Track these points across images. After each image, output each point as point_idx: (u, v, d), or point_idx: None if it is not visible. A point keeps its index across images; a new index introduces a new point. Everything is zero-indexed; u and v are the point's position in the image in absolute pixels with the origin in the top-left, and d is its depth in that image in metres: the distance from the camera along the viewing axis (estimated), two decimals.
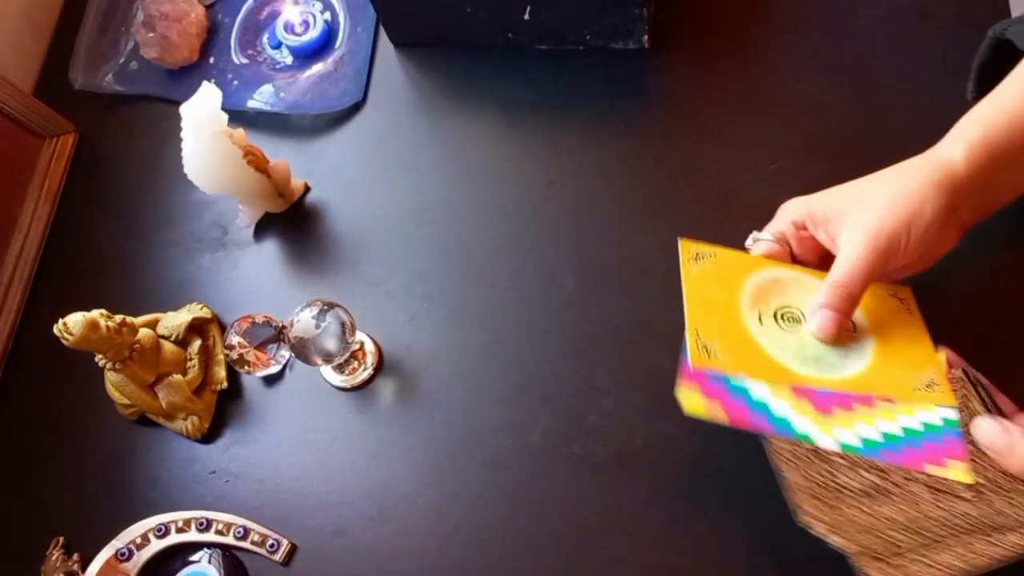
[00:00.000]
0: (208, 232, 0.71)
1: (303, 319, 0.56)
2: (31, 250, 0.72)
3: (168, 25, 0.75)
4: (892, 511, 0.47)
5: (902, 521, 0.47)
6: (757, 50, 0.68)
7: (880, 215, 0.48)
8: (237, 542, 0.59)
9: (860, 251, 0.48)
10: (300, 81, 0.74)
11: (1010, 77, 0.51)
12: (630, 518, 0.56)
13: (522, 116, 0.70)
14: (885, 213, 0.48)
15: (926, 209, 0.48)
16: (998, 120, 0.49)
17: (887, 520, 0.47)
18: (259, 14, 0.78)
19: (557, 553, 0.56)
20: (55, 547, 0.62)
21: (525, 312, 0.63)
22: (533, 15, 0.68)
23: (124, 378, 0.61)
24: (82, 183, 0.75)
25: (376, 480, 0.60)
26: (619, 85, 0.69)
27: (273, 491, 0.61)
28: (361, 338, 0.63)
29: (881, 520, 0.47)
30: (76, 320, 0.56)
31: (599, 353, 0.61)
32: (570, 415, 0.59)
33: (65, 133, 0.76)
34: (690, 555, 0.55)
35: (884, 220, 0.48)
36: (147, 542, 0.60)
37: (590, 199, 0.66)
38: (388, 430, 0.62)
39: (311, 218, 0.70)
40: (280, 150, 0.71)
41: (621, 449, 0.58)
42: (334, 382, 0.63)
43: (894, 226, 0.48)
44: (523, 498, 0.58)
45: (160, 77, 0.77)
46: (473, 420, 0.61)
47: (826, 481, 0.49)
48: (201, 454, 0.63)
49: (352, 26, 0.76)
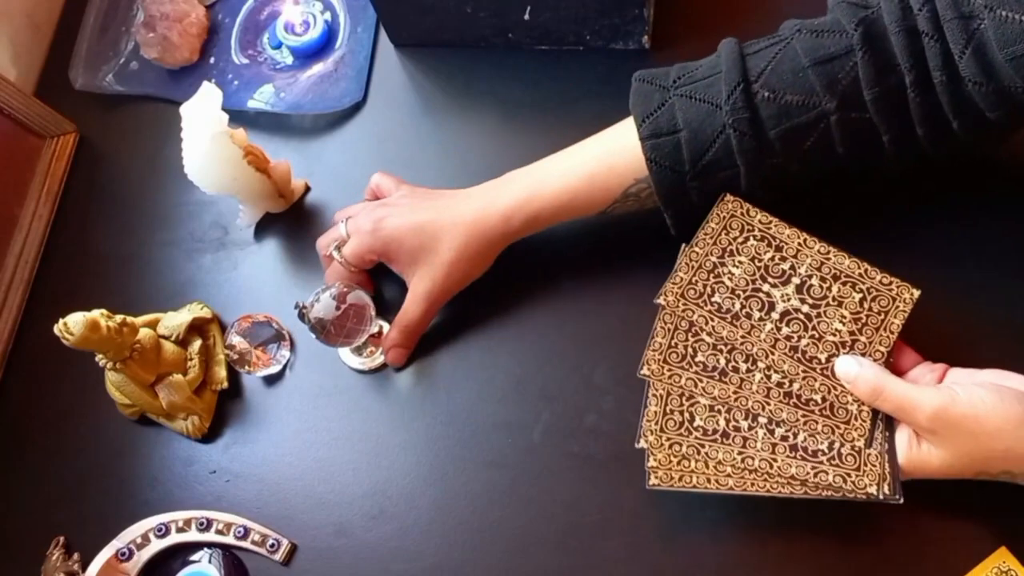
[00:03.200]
0: (208, 232, 0.71)
1: (323, 301, 0.57)
2: (31, 250, 0.72)
3: (168, 25, 0.75)
4: (723, 456, 0.52)
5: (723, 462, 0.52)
6: None
7: (442, 282, 0.60)
8: (237, 542, 0.59)
9: (422, 304, 0.60)
10: (300, 81, 0.74)
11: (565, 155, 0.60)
12: (630, 518, 0.56)
13: (522, 116, 0.70)
14: (448, 280, 0.60)
15: (485, 265, 0.61)
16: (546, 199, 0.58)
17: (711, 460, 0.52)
18: (259, 14, 0.78)
19: (557, 553, 0.56)
20: (55, 547, 0.62)
21: (525, 312, 0.63)
22: (533, 15, 0.68)
23: (124, 378, 0.61)
24: (82, 183, 0.75)
25: (376, 480, 0.60)
26: (619, 85, 0.69)
27: (273, 491, 0.61)
28: (380, 323, 0.63)
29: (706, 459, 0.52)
30: (76, 320, 0.56)
31: (599, 353, 0.61)
32: (570, 414, 0.60)
33: (65, 133, 0.76)
34: (690, 555, 0.55)
35: (445, 285, 0.60)
36: (147, 542, 0.60)
37: None
38: (388, 430, 0.62)
39: (311, 218, 0.70)
40: (280, 150, 0.71)
41: (621, 449, 0.58)
42: (352, 364, 0.63)
43: (454, 287, 0.61)
44: (523, 497, 0.58)
45: (160, 77, 0.77)
46: (473, 419, 0.61)
47: (683, 420, 0.52)
48: (201, 454, 0.63)
49: (352, 26, 0.76)
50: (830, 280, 0.54)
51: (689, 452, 0.51)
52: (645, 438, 0.52)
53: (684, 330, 0.54)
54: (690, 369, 0.53)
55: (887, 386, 0.49)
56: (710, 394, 0.52)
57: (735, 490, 0.51)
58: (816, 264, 0.54)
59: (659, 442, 0.51)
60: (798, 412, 0.51)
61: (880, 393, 0.49)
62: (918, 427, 0.49)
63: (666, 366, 0.53)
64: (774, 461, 0.51)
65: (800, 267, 0.54)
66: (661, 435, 0.52)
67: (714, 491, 0.51)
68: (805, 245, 0.55)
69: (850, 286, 0.54)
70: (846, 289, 0.54)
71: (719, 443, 0.51)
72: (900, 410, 0.49)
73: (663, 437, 0.52)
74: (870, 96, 0.51)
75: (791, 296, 0.53)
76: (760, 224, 0.55)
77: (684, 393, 0.52)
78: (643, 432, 0.52)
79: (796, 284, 0.54)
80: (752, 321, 0.53)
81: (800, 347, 0.52)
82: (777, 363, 0.52)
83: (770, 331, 0.53)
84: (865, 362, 0.51)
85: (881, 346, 0.53)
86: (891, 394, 0.49)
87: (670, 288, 0.54)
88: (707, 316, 0.53)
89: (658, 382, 0.53)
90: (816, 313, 0.53)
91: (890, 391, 0.49)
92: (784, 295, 0.54)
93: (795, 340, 0.53)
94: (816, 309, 0.53)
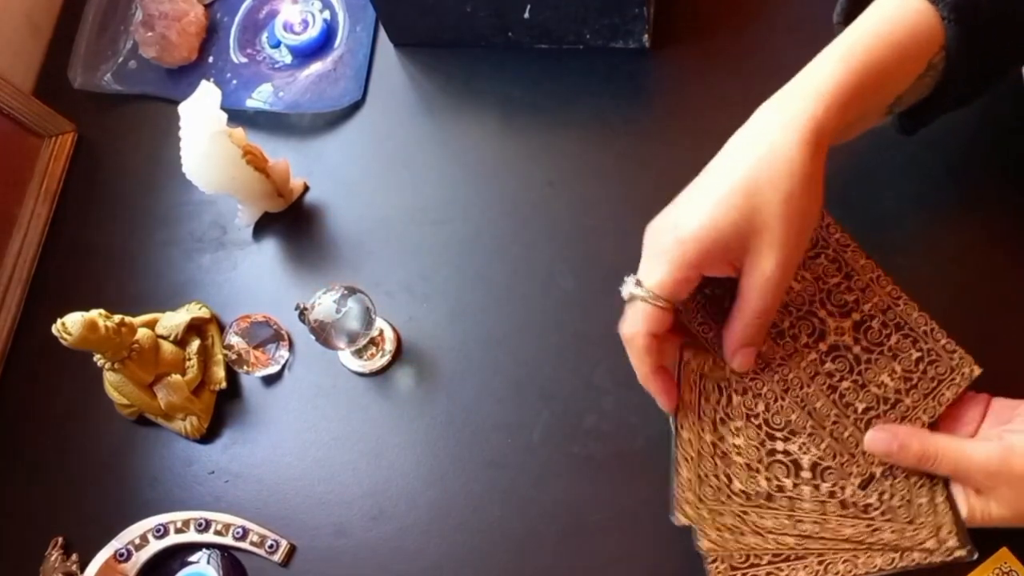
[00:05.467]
0: (207, 232, 0.71)
1: (324, 303, 0.57)
2: (30, 249, 0.72)
3: (167, 24, 0.75)
4: (772, 523, 0.47)
5: (774, 530, 0.47)
6: (757, 50, 0.68)
7: (784, 231, 0.45)
8: (236, 542, 0.59)
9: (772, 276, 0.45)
10: (299, 80, 0.74)
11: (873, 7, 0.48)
12: (630, 518, 0.56)
13: (522, 116, 0.70)
14: (788, 227, 0.45)
15: (816, 189, 0.45)
16: (858, 58, 0.46)
17: (761, 529, 0.47)
18: (258, 13, 0.78)
19: (557, 553, 0.56)
20: (54, 547, 0.61)
21: (525, 312, 0.63)
22: (533, 15, 0.68)
23: (123, 378, 0.61)
24: (81, 182, 0.75)
25: (376, 480, 0.60)
26: (619, 85, 0.69)
27: (272, 491, 0.61)
28: (381, 325, 0.63)
29: (755, 529, 0.47)
30: (75, 320, 0.55)
31: (599, 353, 0.61)
32: (570, 415, 0.59)
33: (64, 132, 0.76)
34: (690, 555, 0.55)
35: (789, 234, 0.45)
36: (146, 542, 0.60)
37: (590, 199, 0.66)
38: (388, 430, 0.61)
39: (310, 218, 0.70)
40: (279, 150, 0.71)
41: (621, 449, 0.58)
42: (352, 367, 0.63)
43: (799, 237, 0.46)
44: (523, 498, 0.58)
45: (159, 76, 0.77)
46: (473, 420, 0.61)
47: (720, 484, 0.48)
48: (200, 454, 0.63)
49: (351, 25, 0.76)
50: (892, 328, 0.50)
51: (736, 523, 0.47)
52: (682, 511, 0.46)
53: None
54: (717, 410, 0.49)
55: (937, 451, 0.46)
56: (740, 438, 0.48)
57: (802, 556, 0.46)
58: (882, 306, 0.50)
59: (699, 515, 0.46)
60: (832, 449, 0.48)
61: (930, 460, 0.47)
62: (977, 486, 0.46)
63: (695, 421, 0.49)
64: (826, 521, 0.47)
65: (865, 304, 0.50)
66: (700, 507, 0.47)
67: None
68: (877, 282, 0.50)
69: (911, 341, 0.50)
70: (906, 343, 0.50)
71: (764, 508, 0.47)
72: (956, 473, 0.47)
73: (702, 509, 0.47)
74: None
75: (846, 331, 0.49)
76: (836, 243, 0.50)
77: (716, 451, 0.48)
78: (678, 503, 0.46)
79: (855, 320, 0.50)
80: (797, 345, 0.49)
81: (840, 388, 0.49)
82: (811, 397, 0.49)
83: (812, 361, 0.49)
84: (901, 433, 0.48)
85: (925, 415, 0.49)
86: (944, 459, 0.46)
87: None
88: None
89: (687, 444, 0.48)
90: (867, 359, 0.49)
91: (942, 456, 0.46)
92: (839, 327, 0.49)
93: (836, 379, 0.49)
94: (868, 354, 0.49)
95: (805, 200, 0.44)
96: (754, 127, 0.47)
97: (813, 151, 0.44)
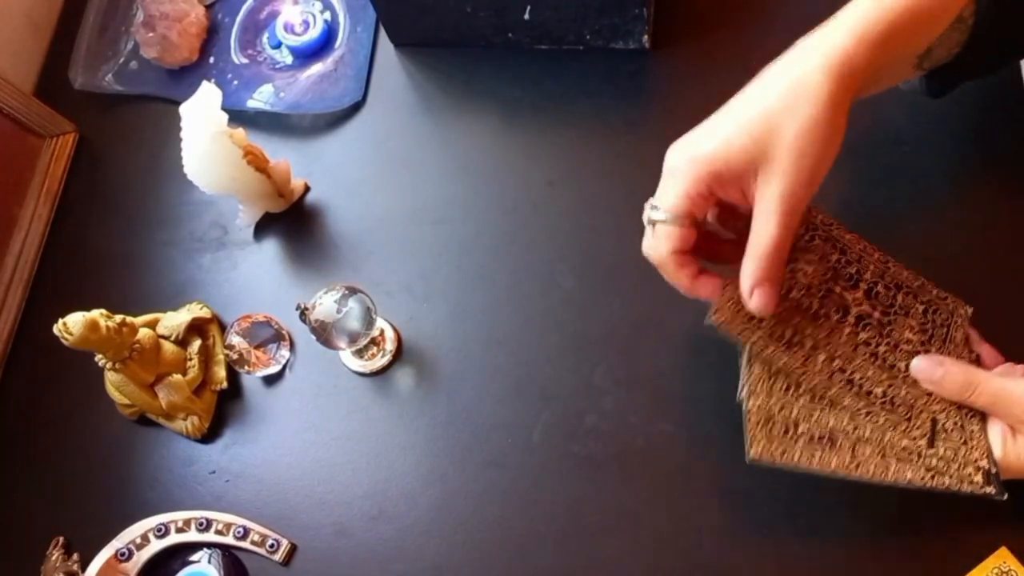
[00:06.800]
0: (208, 232, 0.71)
1: (325, 303, 0.57)
2: (31, 250, 0.72)
3: (168, 25, 0.75)
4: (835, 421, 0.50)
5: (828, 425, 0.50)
6: (757, 50, 0.67)
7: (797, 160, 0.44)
8: (237, 542, 0.59)
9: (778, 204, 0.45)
10: (300, 81, 0.74)
11: None
12: (630, 518, 0.56)
13: (522, 116, 0.70)
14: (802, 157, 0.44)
15: (838, 122, 0.45)
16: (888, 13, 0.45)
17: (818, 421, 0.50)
18: (259, 14, 0.78)
19: (557, 553, 0.56)
20: (55, 547, 0.62)
21: (525, 312, 0.63)
22: (533, 15, 0.68)
23: (124, 378, 0.61)
24: (82, 183, 0.75)
25: (376, 480, 0.60)
26: (619, 85, 0.69)
27: (273, 491, 0.61)
28: (381, 325, 0.63)
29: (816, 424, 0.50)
30: (76, 320, 0.56)
31: (599, 353, 0.61)
32: (570, 415, 0.60)
33: (65, 133, 0.76)
34: (690, 555, 0.55)
35: (802, 164, 0.44)
36: (147, 542, 0.60)
37: (590, 199, 0.66)
38: (388, 430, 0.62)
39: (311, 218, 0.70)
40: (280, 150, 0.71)
41: (621, 449, 0.58)
42: (353, 367, 0.63)
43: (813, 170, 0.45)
44: (523, 498, 0.58)
45: (160, 77, 0.77)
46: (473, 420, 0.61)
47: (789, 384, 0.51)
48: (201, 454, 0.63)
49: (352, 26, 0.76)
50: (894, 289, 0.53)
51: (799, 417, 0.49)
52: (752, 395, 0.49)
53: None
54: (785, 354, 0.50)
55: (979, 379, 0.48)
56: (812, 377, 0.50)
57: (838, 472, 0.49)
58: (879, 272, 0.53)
59: (763, 407, 0.49)
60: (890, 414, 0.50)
61: (973, 387, 0.48)
62: (1015, 420, 0.48)
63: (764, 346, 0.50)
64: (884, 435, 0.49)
65: (865, 272, 0.53)
66: (768, 399, 0.49)
67: (816, 471, 0.49)
68: (866, 252, 0.53)
69: (912, 296, 0.53)
70: (909, 299, 0.53)
71: (829, 410, 0.50)
72: (996, 402, 0.48)
73: (770, 401, 0.49)
74: None
75: (861, 301, 0.52)
76: (823, 224, 0.53)
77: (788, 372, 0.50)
78: (746, 387, 0.49)
79: (864, 289, 0.52)
80: (831, 323, 0.51)
81: (880, 354, 0.51)
82: (861, 368, 0.51)
83: (849, 334, 0.51)
84: (947, 360, 0.50)
85: None
86: (985, 386, 0.48)
87: None
88: (788, 313, 0.51)
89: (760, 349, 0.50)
90: (888, 320, 0.52)
91: (983, 384, 0.48)
92: (855, 299, 0.52)
93: (873, 346, 0.51)
94: (886, 316, 0.52)
95: (824, 130, 0.44)
96: (786, 59, 0.47)
97: (839, 84, 0.44)
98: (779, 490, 0.55)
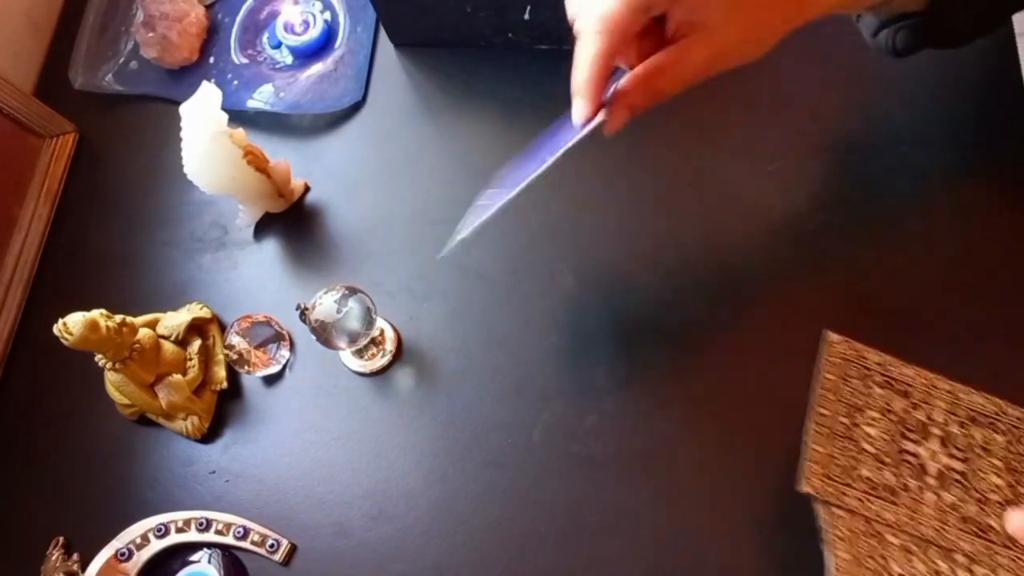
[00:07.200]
0: (208, 232, 0.71)
1: (325, 303, 0.57)
2: (31, 250, 0.72)
3: (168, 25, 0.75)
4: (892, 517, 0.47)
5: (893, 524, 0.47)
6: None
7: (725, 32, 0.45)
8: (237, 542, 0.59)
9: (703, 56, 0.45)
10: (300, 81, 0.74)
11: None
12: (630, 518, 0.56)
13: (522, 116, 0.70)
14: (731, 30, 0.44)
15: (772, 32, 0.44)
16: None
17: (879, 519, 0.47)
18: (259, 14, 0.78)
19: (557, 553, 0.56)
20: (55, 547, 0.62)
21: (525, 312, 0.63)
22: (533, 15, 0.68)
23: (124, 378, 0.61)
24: (82, 183, 0.75)
25: (376, 480, 0.60)
26: None
27: (273, 491, 0.61)
28: (381, 325, 0.63)
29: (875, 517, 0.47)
30: (76, 320, 0.56)
31: (599, 353, 0.61)
32: (570, 415, 0.60)
33: (65, 133, 0.76)
34: (690, 555, 0.55)
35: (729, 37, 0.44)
36: (147, 542, 0.60)
37: (590, 199, 0.66)
38: (388, 430, 0.62)
39: (311, 218, 0.70)
40: (280, 150, 0.71)
41: (621, 449, 0.58)
42: (353, 367, 0.63)
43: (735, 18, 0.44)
44: (523, 498, 0.58)
45: (160, 77, 0.77)
46: (473, 420, 0.61)
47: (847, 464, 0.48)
48: (201, 454, 0.63)
49: (352, 26, 0.76)
50: (968, 424, 0.49)
51: (857, 506, 0.47)
52: (810, 483, 0.46)
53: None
54: None
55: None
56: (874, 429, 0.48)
57: None
58: (948, 407, 0.49)
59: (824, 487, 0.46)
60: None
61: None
62: None
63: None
64: (945, 531, 0.46)
65: (935, 414, 0.49)
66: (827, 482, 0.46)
67: None
68: (932, 385, 0.49)
69: (990, 428, 0.49)
70: (987, 432, 0.49)
71: (887, 500, 0.47)
72: None
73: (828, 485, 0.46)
74: None
75: (938, 452, 0.48)
76: (876, 365, 0.50)
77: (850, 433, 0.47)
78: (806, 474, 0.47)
79: (939, 437, 0.48)
80: (911, 493, 0.47)
81: (971, 516, 0.47)
82: (956, 544, 0.47)
83: (934, 503, 0.47)
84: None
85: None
86: None
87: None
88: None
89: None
90: (970, 470, 0.48)
91: None
92: (931, 452, 0.48)
93: (962, 509, 0.47)
94: (968, 464, 0.48)
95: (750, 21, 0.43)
96: None
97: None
98: (779, 492, 0.55)
